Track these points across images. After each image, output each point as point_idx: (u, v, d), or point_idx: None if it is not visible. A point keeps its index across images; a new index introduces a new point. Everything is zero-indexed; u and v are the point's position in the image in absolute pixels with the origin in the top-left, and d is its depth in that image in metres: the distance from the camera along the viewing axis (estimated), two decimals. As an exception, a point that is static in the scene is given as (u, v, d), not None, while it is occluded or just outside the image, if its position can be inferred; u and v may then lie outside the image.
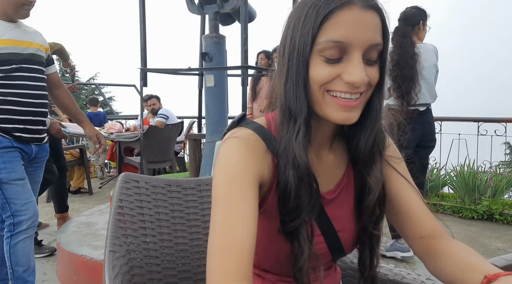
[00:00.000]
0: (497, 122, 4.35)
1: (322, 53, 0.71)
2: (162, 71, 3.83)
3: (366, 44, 0.70)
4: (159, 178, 1.23)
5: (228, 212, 0.70)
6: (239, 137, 0.77)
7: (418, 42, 3.03)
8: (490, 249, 3.34)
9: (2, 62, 2.06)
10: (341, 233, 0.85)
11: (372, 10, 0.71)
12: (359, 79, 0.69)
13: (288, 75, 0.74)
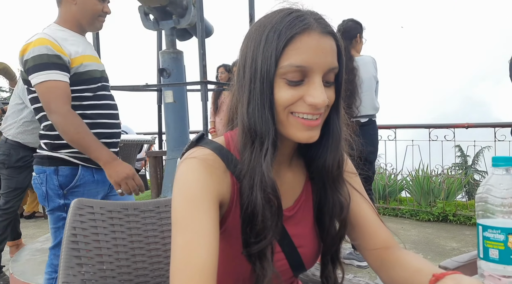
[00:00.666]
0: (446, 128, 4.59)
1: (285, 76, 0.73)
2: (118, 88, 3.77)
3: (325, 68, 0.74)
4: (115, 202, 1.19)
5: (188, 236, 0.69)
6: (197, 157, 0.77)
7: (356, 55, 3.12)
8: (446, 249, 3.49)
9: (89, 81, 1.80)
10: (301, 248, 0.86)
11: (329, 36, 0.75)
12: (321, 101, 0.72)
13: (251, 98, 0.75)
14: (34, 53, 1.67)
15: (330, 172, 0.83)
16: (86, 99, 1.79)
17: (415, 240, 3.77)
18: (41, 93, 1.69)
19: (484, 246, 0.75)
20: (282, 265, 0.85)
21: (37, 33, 1.75)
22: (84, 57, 1.79)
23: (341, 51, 0.77)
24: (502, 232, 0.73)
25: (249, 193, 0.75)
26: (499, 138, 4.23)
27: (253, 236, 0.75)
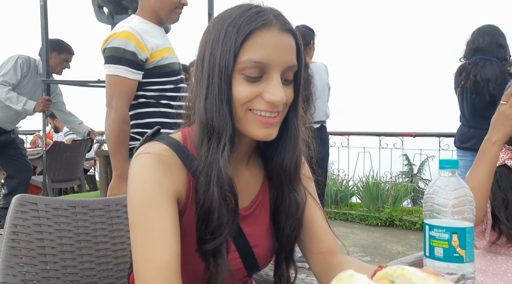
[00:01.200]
0: (395, 136, 4.79)
1: (243, 72, 0.73)
2: (68, 83, 3.60)
3: (284, 65, 0.74)
4: (62, 199, 1.13)
5: (148, 236, 0.69)
6: (152, 153, 0.75)
7: (310, 62, 3.18)
8: (392, 252, 3.63)
9: (171, 73, 1.85)
10: (256, 248, 0.86)
11: (288, 33, 0.75)
12: (280, 99, 0.72)
13: (209, 92, 0.74)
14: (113, 44, 1.75)
15: (287, 171, 0.83)
16: (169, 91, 1.86)
17: (364, 244, 3.89)
18: (107, 85, 1.78)
19: (430, 245, 0.79)
20: (236, 264, 0.84)
21: (123, 25, 1.82)
22: (165, 50, 1.84)
23: (300, 50, 0.78)
24: (446, 231, 0.77)
25: (206, 189, 0.74)
26: (443, 147, 4.48)
27: (209, 233, 0.74)
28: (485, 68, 2.71)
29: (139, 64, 1.77)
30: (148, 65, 1.80)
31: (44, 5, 3.26)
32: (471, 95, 2.79)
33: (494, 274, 1.25)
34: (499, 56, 2.73)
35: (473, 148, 2.80)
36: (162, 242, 0.69)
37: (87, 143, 5.18)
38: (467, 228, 0.76)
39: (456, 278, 0.76)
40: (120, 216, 1.20)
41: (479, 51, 2.75)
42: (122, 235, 1.19)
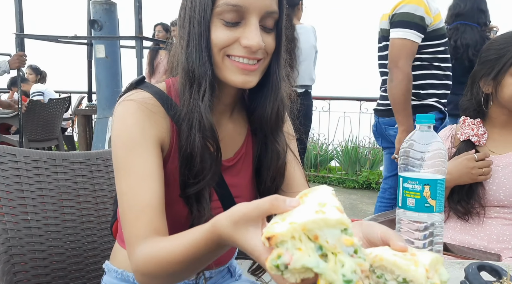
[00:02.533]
0: (375, 101, 4.84)
1: (221, 17, 0.73)
2: (43, 38, 3.47)
3: (262, 10, 0.73)
4: (41, 151, 1.12)
5: (132, 180, 0.71)
6: (135, 100, 0.76)
7: (297, 23, 3.10)
8: (367, 213, 3.77)
9: (442, 36, 2.00)
10: (238, 199, 0.88)
11: None
12: (256, 43, 0.72)
13: (190, 39, 0.75)
14: (404, 10, 1.90)
15: (269, 121, 0.84)
16: (440, 53, 2.02)
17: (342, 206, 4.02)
18: (393, 47, 1.94)
19: (403, 196, 0.83)
20: (218, 213, 0.87)
21: None
22: (439, 14, 1.99)
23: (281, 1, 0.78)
24: (419, 183, 0.81)
25: (188, 135, 0.75)
26: (421, 113, 4.57)
27: (192, 177, 0.76)
28: (465, 34, 2.73)
29: (424, 28, 1.92)
30: (428, 28, 1.95)
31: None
32: (450, 60, 2.83)
33: (462, 229, 1.32)
34: (479, 21, 2.75)
35: (451, 113, 2.86)
36: (145, 182, 0.71)
37: (64, 102, 5.07)
38: (439, 179, 0.80)
39: (425, 226, 0.80)
40: (101, 170, 1.21)
41: (460, 17, 2.76)
42: (103, 188, 1.20)
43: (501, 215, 1.28)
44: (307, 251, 0.46)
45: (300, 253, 0.45)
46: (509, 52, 1.24)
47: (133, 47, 3.48)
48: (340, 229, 0.46)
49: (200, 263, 0.64)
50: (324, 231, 0.46)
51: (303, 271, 0.46)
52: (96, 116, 3.44)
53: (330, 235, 0.46)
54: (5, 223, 0.98)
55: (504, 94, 1.26)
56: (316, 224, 0.46)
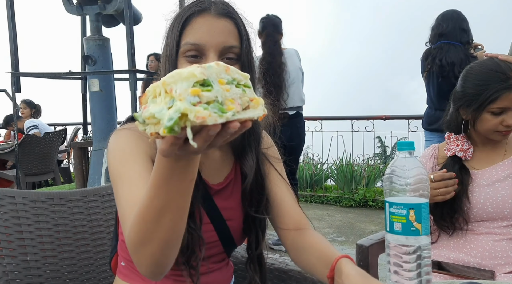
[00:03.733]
0: (366, 120, 4.92)
1: (185, 55, 0.82)
2: (38, 75, 3.53)
3: (219, 46, 0.82)
4: (39, 191, 1.15)
5: (126, 185, 0.75)
6: (129, 128, 0.83)
7: (283, 49, 3.23)
8: (365, 232, 3.77)
9: None
10: (230, 222, 0.92)
11: (225, 18, 0.83)
12: None
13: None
14: None
15: (234, 145, 0.91)
16: None
17: (339, 225, 4.02)
18: None
19: (390, 220, 0.86)
20: (211, 236, 0.90)
21: None
22: None
23: (242, 31, 0.85)
24: (404, 208, 0.84)
25: None
26: (412, 129, 4.63)
27: None
28: (449, 53, 2.81)
29: None
30: None
31: (9, -4, 3.17)
32: (437, 79, 2.89)
33: (455, 247, 1.34)
34: (462, 40, 2.83)
35: (440, 129, 2.91)
36: (139, 185, 0.74)
37: (60, 135, 5.10)
38: (422, 203, 0.84)
39: (413, 249, 0.83)
40: (98, 206, 1.23)
41: (444, 36, 2.85)
42: (100, 224, 1.22)
43: (492, 230, 1.30)
44: (161, 103, 0.49)
45: (153, 105, 0.49)
46: (486, 91, 1.26)
47: (126, 80, 3.54)
48: (192, 81, 0.49)
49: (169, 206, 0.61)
50: (178, 84, 0.49)
51: (156, 122, 0.49)
52: (91, 149, 3.46)
53: (180, 87, 0.48)
54: (5, 265, 1.00)
55: (481, 127, 1.31)
56: (172, 78, 0.49)
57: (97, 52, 3.28)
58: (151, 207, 0.62)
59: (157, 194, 0.60)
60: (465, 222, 1.32)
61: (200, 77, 0.49)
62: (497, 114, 1.27)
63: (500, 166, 1.34)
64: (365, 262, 1.32)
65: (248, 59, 0.86)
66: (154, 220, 0.62)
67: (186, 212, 0.64)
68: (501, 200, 1.28)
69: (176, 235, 0.66)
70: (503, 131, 1.28)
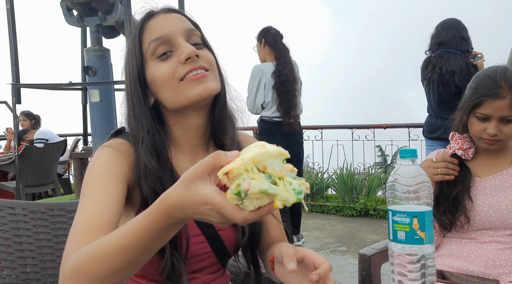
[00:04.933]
0: (367, 129, 4.91)
1: (155, 56, 0.83)
2: (38, 86, 3.54)
3: (182, 30, 0.83)
4: (39, 202, 1.15)
5: (86, 203, 0.74)
6: (110, 145, 0.83)
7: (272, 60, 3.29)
8: (367, 241, 3.74)
9: None
10: (222, 232, 0.89)
11: (174, 12, 0.87)
12: (190, 50, 0.80)
13: (128, 100, 0.86)
14: None
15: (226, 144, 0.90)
16: None
17: (340, 234, 3.99)
18: None
19: (393, 229, 0.85)
20: (204, 248, 0.88)
21: None
22: None
23: (194, 21, 0.88)
24: (407, 216, 0.83)
25: (140, 183, 0.80)
26: (413, 138, 4.63)
27: None
28: (449, 61, 2.82)
29: None
30: None
31: (11, 9, 3.19)
32: (437, 87, 2.89)
33: (459, 256, 1.33)
34: (462, 49, 2.85)
35: (441, 138, 2.92)
36: (106, 208, 0.73)
37: (60, 146, 5.09)
38: (426, 211, 0.83)
39: (417, 258, 0.82)
40: (98, 217, 1.22)
41: (443, 45, 2.86)
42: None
43: (496, 239, 1.29)
44: (260, 179, 0.53)
45: (255, 181, 0.53)
46: (475, 94, 1.28)
47: (126, 90, 3.55)
48: (281, 159, 0.56)
49: (141, 252, 0.61)
50: (269, 162, 0.55)
51: (259, 197, 0.53)
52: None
53: (275, 164, 0.55)
54: (4, 277, 0.98)
55: (470, 132, 1.33)
56: (263, 156, 0.54)
57: (98, 63, 3.30)
58: (119, 249, 0.60)
59: (138, 242, 0.60)
60: (466, 220, 1.31)
61: (287, 156, 0.56)
62: (482, 121, 1.27)
63: (504, 175, 1.33)
64: (367, 272, 1.30)
65: (211, 45, 0.88)
66: (117, 259, 0.61)
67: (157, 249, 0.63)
68: (505, 209, 1.28)
69: (130, 271, 0.64)
70: (486, 140, 1.28)
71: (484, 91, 1.26)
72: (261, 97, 3.19)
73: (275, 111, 3.19)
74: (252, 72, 3.22)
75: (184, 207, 0.56)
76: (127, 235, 0.60)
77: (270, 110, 3.20)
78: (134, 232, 0.59)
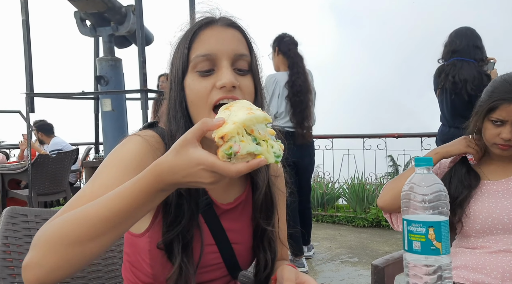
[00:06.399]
0: (378, 138, 4.87)
1: (196, 69, 0.81)
2: (51, 96, 3.59)
3: (231, 53, 0.80)
4: (52, 210, 1.15)
5: (99, 190, 0.72)
6: (141, 135, 0.81)
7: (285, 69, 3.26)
8: (379, 252, 3.69)
9: None
10: (236, 245, 0.89)
11: (232, 28, 0.83)
12: (228, 80, 0.78)
13: (170, 97, 0.84)
14: None
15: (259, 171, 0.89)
16: None
17: (351, 245, 3.94)
18: None
19: (408, 239, 0.83)
20: (215, 258, 0.87)
21: None
22: None
23: (250, 42, 0.85)
24: (423, 226, 0.81)
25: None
26: (425, 147, 4.58)
27: (168, 225, 0.79)
28: (462, 69, 2.78)
29: None
30: None
31: (26, 20, 3.25)
32: (450, 95, 2.86)
33: (474, 268, 1.30)
34: (476, 57, 2.81)
35: (454, 147, 2.88)
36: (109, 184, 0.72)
37: (72, 155, 5.14)
38: (442, 221, 0.81)
39: (433, 269, 0.80)
40: (109, 225, 1.22)
41: (457, 53, 2.83)
42: (112, 243, 1.21)
43: (511, 248, 1.26)
44: (248, 142, 0.62)
45: (244, 144, 0.61)
46: (490, 98, 1.27)
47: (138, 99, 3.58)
48: (265, 123, 0.65)
49: (128, 216, 0.63)
50: (256, 126, 0.64)
51: (245, 157, 0.62)
52: (103, 168, 3.48)
53: (260, 128, 0.64)
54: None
55: (484, 137, 1.31)
56: (251, 121, 0.63)
57: (110, 72, 3.34)
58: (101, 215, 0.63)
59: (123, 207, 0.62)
60: (461, 225, 1.31)
61: (271, 121, 0.66)
62: (497, 125, 1.26)
63: None
64: (381, 283, 1.28)
65: (258, 71, 0.86)
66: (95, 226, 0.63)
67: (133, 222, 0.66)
68: None
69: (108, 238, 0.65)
70: (499, 145, 1.27)
71: (501, 95, 1.25)
72: (274, 108, 3.17)
73: (288, 121, 3.17)
74: (266, 81, 3.21)
75: (176, 171, 0.60)
76: (116, 198, 0.63)
77: (282, 120, 3.18)
78: (125, 195, 0.62)
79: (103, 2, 3.06)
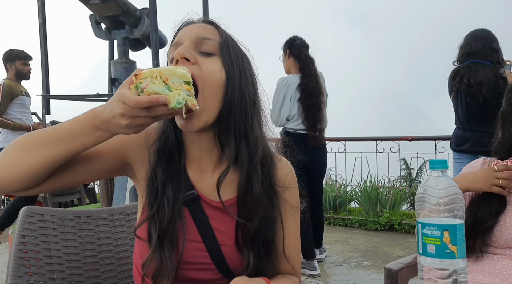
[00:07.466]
0: (391, 141, 4.83)
1: (169, 60, 0.87)
2: (67, 98, 3.64)
3: (193, 36, 0.83)
4: (67, 210, 1.17)
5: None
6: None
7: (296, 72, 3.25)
8: (392, 256, 3.65)
9: None
10: (225, 248, 0.86)
11: (205, 23, 0.87)
12: (177, 52, 0.81)
13: None
14: None
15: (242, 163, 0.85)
16: None
17: (364, 249, 3.91)
18: None
19: (423, 242, 0.82)
20: (203, 257, 0.85)
21: None
22: None
23: (222, 31, 0.87)
24: (438, 229, 0.80)
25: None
26: (439, 150, 4.52)
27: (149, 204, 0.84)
28: (478, 72, 2.74)
29: None
30: None
31: (43, 23, 3.31)
32: (465, 98, 2.82)
33: (490, 273, 1.28)
34: (492, 60, 2.76)
35: (469, 151, 2.83)
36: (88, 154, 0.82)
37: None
38: (457, 224, 0.80)
39: (448, 273, 0.79)
40: (123, 225, 1.24)
41: (472, 55, 2.78)
42: (125, 243, 1.23)
43: None
44: (158, 84, 0.68)
45: (153, 84, 0.68)
46: None
47: (151, 101, 3.60)
48: (184, 80, 0.71)
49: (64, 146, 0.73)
50: (173, 78, 0.69)
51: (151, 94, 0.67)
52: (116, 169, 3.51)
53: (176, 81, 0.70)
54: (32, 282, 1.00)
55: None
56: (168, 71, 0.69)
57: (124, 75, 3.37)
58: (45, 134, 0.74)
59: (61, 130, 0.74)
60: (481, 245, 1.26)
61: (190, 80, 0.72)
62: None
63: None
64: (394, 287, 1.27)
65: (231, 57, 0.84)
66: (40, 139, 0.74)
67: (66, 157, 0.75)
68: None
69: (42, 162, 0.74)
70: None
71: None
72: (286, 111, 3.16)
73: (300, 124, 3.16)
74: (278, 85, 3.20)
75: (105, 106, 0.70)
76: (63, 123, 0.74)
77: (295, 123, 3.18)
78: (68, 122, 0.74)
79: (118, 6, 3.09)
